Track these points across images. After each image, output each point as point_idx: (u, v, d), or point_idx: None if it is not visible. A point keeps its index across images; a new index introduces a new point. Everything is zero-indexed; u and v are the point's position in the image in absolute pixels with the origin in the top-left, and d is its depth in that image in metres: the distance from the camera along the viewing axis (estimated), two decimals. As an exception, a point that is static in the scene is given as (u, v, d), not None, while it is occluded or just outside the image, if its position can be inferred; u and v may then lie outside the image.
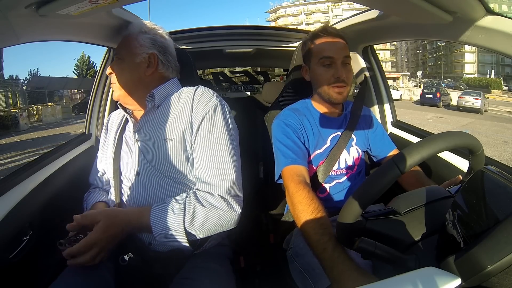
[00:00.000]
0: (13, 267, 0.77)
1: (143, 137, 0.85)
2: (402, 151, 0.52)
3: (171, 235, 0.73)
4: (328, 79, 0.95)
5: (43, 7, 0.64)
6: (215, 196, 0.76)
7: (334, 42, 0.96)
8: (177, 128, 0.82)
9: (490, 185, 0.49)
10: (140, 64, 0.87)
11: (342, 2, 37.97)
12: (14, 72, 42.52)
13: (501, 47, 0.71)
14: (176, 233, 0.73)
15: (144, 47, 0.87)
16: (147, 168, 0.82)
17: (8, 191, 0.80)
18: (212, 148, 0.79)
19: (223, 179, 0.77)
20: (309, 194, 0.77)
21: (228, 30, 1.61)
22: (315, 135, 0.99)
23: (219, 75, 4.46)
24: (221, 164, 0.78)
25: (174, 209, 0.74)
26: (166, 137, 0.81)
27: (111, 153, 0.91)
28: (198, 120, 0.81)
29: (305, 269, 0.83)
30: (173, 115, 0.84)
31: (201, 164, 0.79)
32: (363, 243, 0.51)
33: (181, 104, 0.85)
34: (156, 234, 0.73)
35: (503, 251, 0.39)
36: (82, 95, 18.95)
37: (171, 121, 0.83)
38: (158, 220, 0.73)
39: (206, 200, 0.75)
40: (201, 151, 0.79)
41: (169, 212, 0.73)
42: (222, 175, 0.77)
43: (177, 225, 0.73)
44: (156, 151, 0.82)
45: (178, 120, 0.83)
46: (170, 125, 0.82)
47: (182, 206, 0.74)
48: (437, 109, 16.02)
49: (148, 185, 0.81)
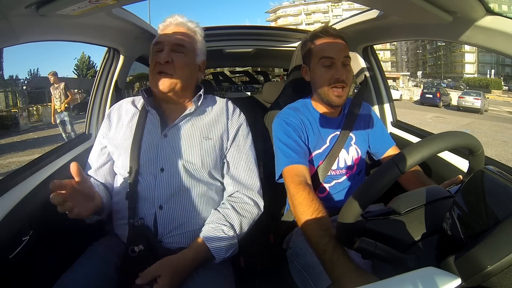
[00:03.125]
0: (13, 267, 0.77)
1: (175, 133, 0.86)
2: (402, 151, 0.52)
3: (232, 253, 0.84)
4: (328, 79, 0.95)
5: (43, 7, 0.64)
6: (249, 204, 0.89)
7: (334, 42, 0.96)
8: (215, 130, 0.90)
9: (490, 185, 0.49)
10: (198, 66, 0.92)
11: (342, 2, 37.99)
12: (14, 72, 42.51)
13: (501, 47, 0.71)
14: (235, 248, 0.84)
15: (202, 53, 0.93)
16: (174, 164, 0.84)
17: (8, 191, 0.80)
18: (247, 155, 0.93)
19: (254, 181, 0.92)
20: (309, 195, 0.77)
21: (228, 30, 1.61)
22: (315, 134, 0.99)
23: (219, 75, 4.46)
24: (253, 169, 0.93)
25: (225, 231, 0.82)
26: (206, 135, 0.88)
27: (126, 145, 0.87)
28: (234, 128, 0.92)
29: (305, 269, 0.83)
30: (209, 118, 0.91)
31: (239, 167, 0.91)
32: (363, 243, 0.51)
33: (216, 110, 0.93)
34: (221, 260, 0.82)
35: (503, 251, 0.39)
36: (82, 95, 18.95)
37: (208, 122, 0.90)
38: (219, 249, 0.81)
39: (244, 209, 0.88)
40: (238, 156, 0.91)
41: (223, 236, 0.82)
42: (254, 178, 0.92)
43: (233, 243, 0.83)
44: (191, 148, 0.85)
45: (215, 123, 0.90)
46: (208, 126, 0.89)
47: (229, 225, 0.84)
48: (437, 109, 16.01)
49: (172, 182, 0.83)
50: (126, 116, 0.92)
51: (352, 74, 0.99)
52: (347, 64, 0.96)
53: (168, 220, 0.82)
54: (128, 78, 1.64)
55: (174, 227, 0.82)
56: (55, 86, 5.37)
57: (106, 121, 0.94)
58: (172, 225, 0.82)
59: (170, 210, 0.82)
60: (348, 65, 0.97)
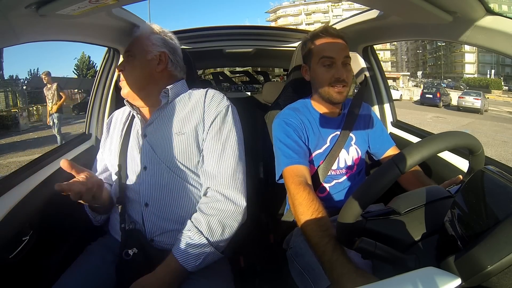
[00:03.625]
0: (13, 267, 0.77)
1: (152, 132, 0.87)
2: (402, 151, 0.52)
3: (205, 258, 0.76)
4: (328, 79, 0.95)
5: (43, 7, 0.64)
6: (220, 200, 0.80)
7: (334, 42, 0.96)
8: (189, 123, 0.85)
9: (490, 185, 0.49)
10: (151, 61, 0.89)
11: (342, 2, 37.97)
12: (14, 72, 42.51)
13: (501, 47, 0.71)
14: (208, 253, 0.76)
15: (156, 46, 0.90)
16: (155, 162, 0.84)
17: (8, 191, 0.80)
18: (223, 145, 0.84)
19: (228, 175, 0.82)
20: (309, 196, 0.78)
21: (228, 30, 1.61)
22: (315, 134, 0.99)
23: (219, 75, 4.46)
24: (228, 162, 0.83)
25: (192, 237, 0.76)
26: (178, 130, 0.84)
27: (116, 148, 0.91)
28: (210, 118, 0.85)
29: (305, 269, 0.83)
30: (185, 112, 0.87)
31: (211, 159, 0.83)
32: (363, 243, 0.51)
33: (192, 102, 0.88)
34: (194, 269, 0.75)
35: (503, 251, 0.39)
36: (82, 95, 18.94)
37: (183, 116, 0.86)
38: (187, 258, 0.74)
39: (213, 207, 0.79)
40: (212, 147, 0.84)
41: (190, 242, 0.75)
42: (228, 171, 0.82)
43: (204, 247, 0.76)
44: (166, 145, 0.84)
45: (190, 116, 0.86)
46: (182, 121, 0.86)
47: (195, 229, 0.77)
48: (437, 109, 16.00)
49: (155, 179, 0.83)
50: (120, 124, 0.97)
51: (352, 73, 1.00)
52: (348, 64, 0.97)
53: (154, 217, 0.82)
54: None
55: (161, 225, 0.82)
56: (48, 87, 5.27)
57: (105, 130, 1.01)
58: (159, 223, 0.82)
59: (155, 206, 0.83)
60: (348, 65, 0.97)
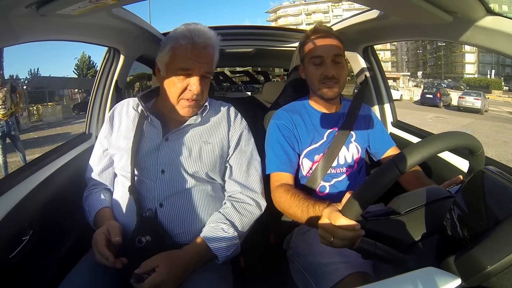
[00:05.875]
0: (13, 267, 0.77)
1: (177, 138, 0.88)
2: (402, 151, 0.52)
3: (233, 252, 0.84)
4: (318, 76, 0.98)
5: (43, 7, 0.64)
6: (251, 204, 0.90)
7: (323, 41, 0.99)
8: (215, 135, 0.91)
9: (490, 185, 0.49)
10: None
11: (342, 2, 37.96)
12: (14, 72, 42.44)
13: (501, 47, 0.71)
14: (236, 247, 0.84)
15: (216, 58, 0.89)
16: (175, 166, 0.85)
17: (8, 191, 0.80)
18: (250, 158, 0.94)
19: (257, 183, 0.93)
20: (285, 187, 0.89)
21: (228, 30, 1.62)
22: (309, 131, 1.00)
23: (220, 75, 4.46)
24: (255, 172, 0.94)
25: (225, 229, 0.83)
26: (205, 140, 0.90)
27: (127, 148, 0.87)
28: (236, 133, 0.94)
29: (306, 270, 0.83)
30: (211, 123, 0.92)
31: (241, 171, 0.92)
32: (363, 243, 0.51)
33: (218, 116, 0.94)
34: (224, 259, 0.82)
35: (503, 251, 0.39)
36: (82, 95, 18.95)
37: (209, 127, 0.92)
38: (220, 247, 0.81)
39: (245, 209, 0.88)
40: (241, 160, 0.93)
41: (222, 234, 0.82)
42: (256, 180, 0.93)
43: (234, 241, 0.83)
44: (190, 152, 0.87)
45: (216, 128, 0.92)
46: (208, 131, 0.91)
47: (229, 223, 0.84)
48: (437, 109, 15.98)
49: (171, 184, 0.85)
50: (128, 119, 0.92)
51: (346, 70, 1.01)
52: (339, 62, 0.98)
53: (168, 217, 0.83)
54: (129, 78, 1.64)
55: (175, 225, 0.83)
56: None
57: (108, 124, 0.94)
58: (173, 223, 0.83)
59: (169, 207, 0.83)
60: (339, 63, 0.98)
